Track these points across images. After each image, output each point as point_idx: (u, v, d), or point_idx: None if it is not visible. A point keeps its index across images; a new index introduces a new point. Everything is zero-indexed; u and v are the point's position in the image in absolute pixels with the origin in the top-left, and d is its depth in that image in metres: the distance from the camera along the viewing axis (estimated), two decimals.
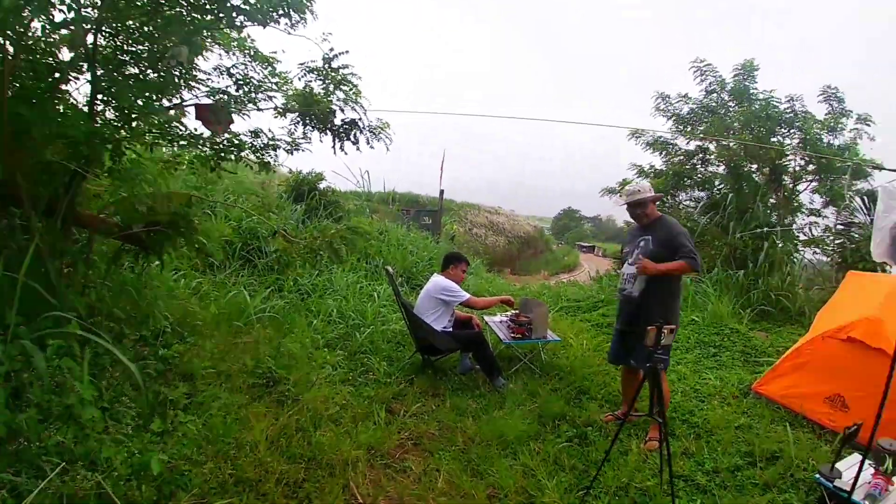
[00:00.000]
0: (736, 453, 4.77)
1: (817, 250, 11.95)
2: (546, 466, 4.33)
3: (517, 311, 6.86)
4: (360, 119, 5.65)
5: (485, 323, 6.99)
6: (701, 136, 12.70)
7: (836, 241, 11.55)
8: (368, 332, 6.66)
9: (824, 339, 5.48)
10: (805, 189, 12.21)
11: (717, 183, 12.83)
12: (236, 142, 5.14)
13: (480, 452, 4.47)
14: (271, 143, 5.33)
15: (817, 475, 3.89)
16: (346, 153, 5.73)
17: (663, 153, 13.41)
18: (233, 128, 5.05)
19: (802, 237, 11.95)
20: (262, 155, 5.36)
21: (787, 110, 11.80)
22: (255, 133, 5.27)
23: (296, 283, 7.63)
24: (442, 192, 16.56)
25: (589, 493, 3.98)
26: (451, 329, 6.09)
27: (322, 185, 11.44)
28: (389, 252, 10.11)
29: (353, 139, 5.70)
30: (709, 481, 4.34)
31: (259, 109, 5.31)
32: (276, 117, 5.48)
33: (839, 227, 11.66)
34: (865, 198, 11.04)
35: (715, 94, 12.52)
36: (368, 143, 5.75)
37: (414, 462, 4.29)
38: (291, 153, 5.47)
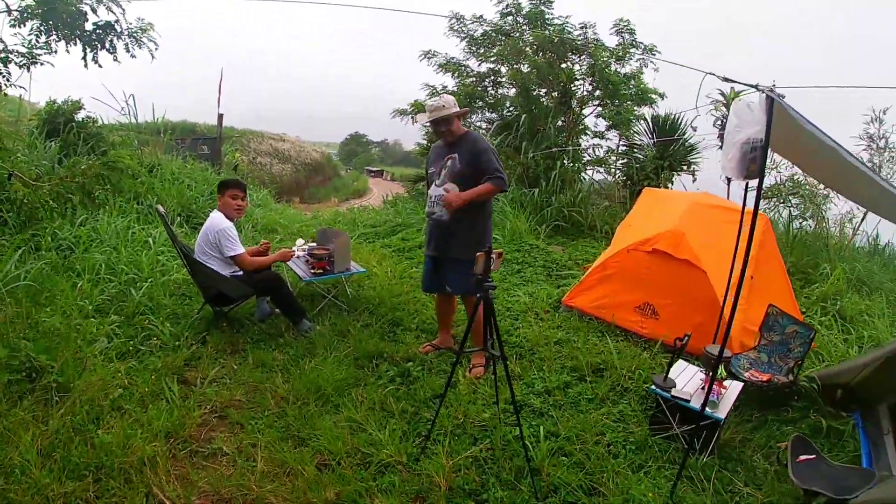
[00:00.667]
0: (562, 370, 4.77)
1: (600, 169, 12.68)
2: (374, 416, 3.94)
3: (314, 244, 6.24)
4: (116, 21, 4.55)
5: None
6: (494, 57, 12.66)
7: (621, 162, 12.26)
8: (146, 287, 5.65)
9: (629, 251, 5.64)
10: (591, 113, 12.70)
11: (507, 105, 12.97)
12: None
13: (298, 414, 3.92)
14: (2, 56, 4.08)
15: (653, 386, 3.90)
16: (100, 65, 4.67)
17: (455, 74, 13.24)
18: None
19: (587, 158, 12.54)
20: None
21: (580, 37, 11.95)
22: None
23: (55, 237, 6.29)
24: (221, 116, 14.88)
25: (428, 440, 3.66)
26: (241, 273, 5.28)
27: (80, 116, 9.58)
28: (164, 188, 8.75)
29: (108, 47, 4.60)
30: (543, 403, 4.27)
31: None
32: (12, 25, 4.24)
33: (623, 148, 12.35)
34: (650, 121, 11.75)
35: (511, 17, 12.36)
36: (128, 51, 4.69)
37: (224, 441, 3.61)
38: (28, 69, 4.26)
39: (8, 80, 4.24)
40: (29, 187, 3.88)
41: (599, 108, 12.53)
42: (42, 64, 4.37)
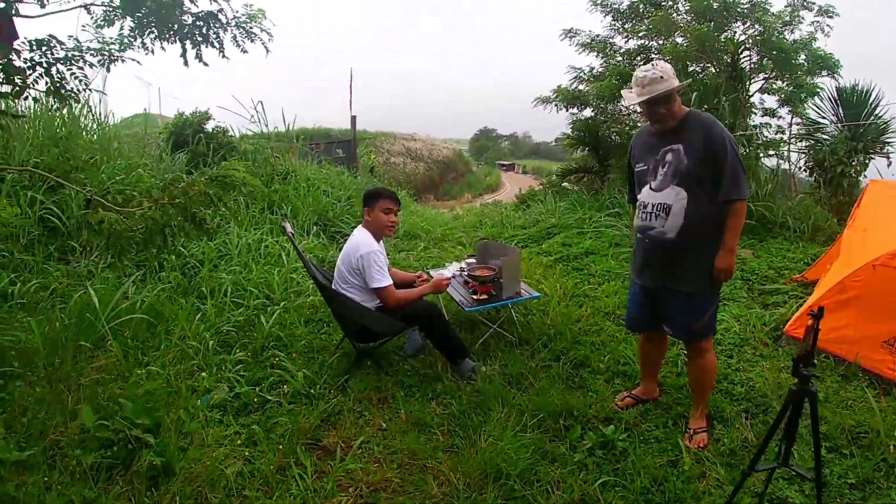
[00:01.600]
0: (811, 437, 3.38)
1: (771, 153, 10.74)
2: None
3: (473, 262, 5.13)
4: (220, 10, 3.73)
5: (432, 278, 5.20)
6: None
7: (805, 144, 10.27)
8: (278, 313, 4.84)
9: (876, 267, 4.19)
10: (757, 89, 10.91)
11: None
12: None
13: None
14: (72, 55, 3.30)
15: None
16: (205, 63, 3.88)
17: (600, 53, 11.88)
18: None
19: (757, 141, 10.62)
20: (60, 76, 3.33)
21: (744, 1, 10.24)
22: (43, 43, 3.22)
23: (180, 256, 5.68)
24: (354, 118, 14.37)
25: None
26: None
27: (210, 126, 9.25)
28: (298, 196, 8.15)
29: (214, 42, 3.79)
30: (797, 492, 2.94)
31: (42, 7, 3.27)
32: (99, 26, 3.53)
33: (797, 128, 10.40)
34: (835, 95, 9.71)
35: None
36: (238, 44, 3.86)
37: None
38: (108, 68, 3.51)
39: (84, 84, 3.44)
40: (110, 211, 2.93)
41: (764, 83, 10.78)
42: (124, 61, 3.60)
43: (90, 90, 3.54)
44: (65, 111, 7.46)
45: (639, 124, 11.86)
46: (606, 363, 4.27)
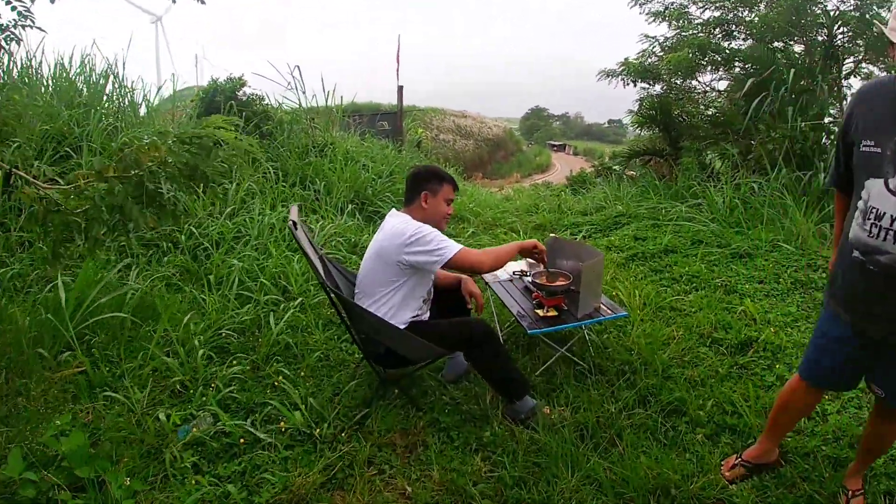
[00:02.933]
0: None
1: None
2: None
3: (537, 267, 3.86)
4: None
5: (484, 284, 4.09)
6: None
7: None
8: (291, 312, 3.96)
9: None
10: (848, 72, 9.48)
11: (737, 61, 10.06)
12: None
13: None
14: None
15: None
16: (203, 2, 3.05)
17: (672, 24, 10.63)
18: None
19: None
20: None
21: None
22: None
23: (191, 235, 4.90)
24: (401, 88, 13.32)
25: None
26: (426, 315, 3.23)
27: (244, 94, 8.46)
28: (334, 170, 7.27)
29: None
30: None
31: None
32: None
33: None
34: None
35: None
36: None
37: None
38: None
39: (29, 18, 2.56)
40: (34, 188, 2.00)
41: (854, 66, 9.29)
42: None
43: (34, 26, 2.60)
44: (90, 77, 6.93)
45: (716, 103, 10.67)
46: (708, 411, 3.14)
